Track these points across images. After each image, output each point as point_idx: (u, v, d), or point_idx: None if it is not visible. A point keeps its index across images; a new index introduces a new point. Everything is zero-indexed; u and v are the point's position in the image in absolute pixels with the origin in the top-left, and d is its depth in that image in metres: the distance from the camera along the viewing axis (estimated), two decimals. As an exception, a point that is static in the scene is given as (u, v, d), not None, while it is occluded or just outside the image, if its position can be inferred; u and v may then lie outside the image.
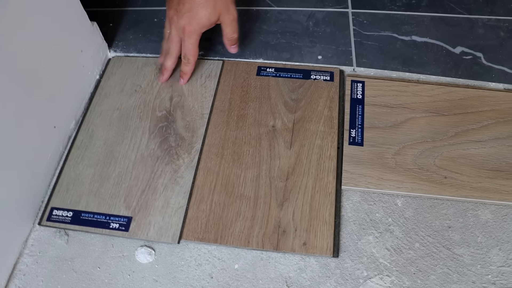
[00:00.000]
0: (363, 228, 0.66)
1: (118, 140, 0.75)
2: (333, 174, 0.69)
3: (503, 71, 0.82)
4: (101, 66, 0.84)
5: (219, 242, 0.65)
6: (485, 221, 0.67)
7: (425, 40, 0.87)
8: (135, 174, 0.71)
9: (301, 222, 0.65)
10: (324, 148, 0.72)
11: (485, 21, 0.89)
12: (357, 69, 0.83)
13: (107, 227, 0.67)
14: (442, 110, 0.76)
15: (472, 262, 0.63)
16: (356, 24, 0.89)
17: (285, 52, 0.85)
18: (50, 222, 0.68)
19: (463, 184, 0.68)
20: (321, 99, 0.77)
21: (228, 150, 0.73)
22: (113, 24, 0.92)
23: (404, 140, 0.73)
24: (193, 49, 0.77)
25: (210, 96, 0.79)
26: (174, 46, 0.77)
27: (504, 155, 0.71)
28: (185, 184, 0.70)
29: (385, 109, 0.76)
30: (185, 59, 0.78)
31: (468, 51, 0.85)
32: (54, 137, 0.73)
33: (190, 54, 0.77)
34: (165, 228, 0.66)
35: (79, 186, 0.71)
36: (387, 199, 0.69)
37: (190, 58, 0.78)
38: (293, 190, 0.68)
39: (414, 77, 0.82)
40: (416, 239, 0.65)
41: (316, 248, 0.63)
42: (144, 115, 0.77)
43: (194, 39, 0.75)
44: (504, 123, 0.74)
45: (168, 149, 0.73)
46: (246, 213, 0.66)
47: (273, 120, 0.75)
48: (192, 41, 0.75)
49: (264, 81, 0.80)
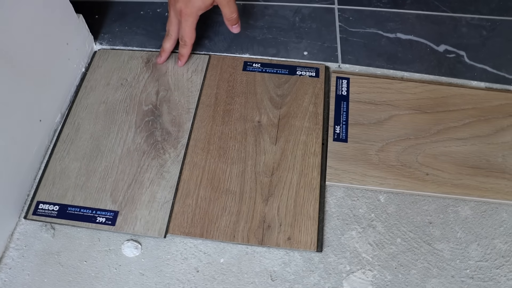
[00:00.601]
0: (347, 224, 0.68)
1: (104, 134, 0.75)
2: (317, 170, 0.70)
3: (485, 70, 0.83)
4: (87, 59, 0.84)
5: (205, 236, 0.65)
6: (464, 217, 0.68)
7: (410, 37, 0.88)
8: (122, 168, 0.71)
9: (286, 217, 0.66)
10: (309, 144, 0.73)
11: (469, 19, 0.91)
12: (342, 65, 0.84)
13: (94, 221, 0.67)
14: (425, 107, 0.77)
15: (452, 257, 0.65)
16: (342, 20, 0.90)
17: (271, 47, 0.86)
18: (36, 216, 0.68)
19: (444, 181, 0.70)
20: (306, 95, 0.78)
21: (214, 145, 0.73)
22: (99, 16, 0.92)
23: (387, 137, 0.74)
24: (190, 32, 0.78)
25: (196, 91, 0.79)
26: (172, 28, 0.79)
27: (484, 153, 0.73)
28: (171, 178, 0.70)
29: (369, 106, 0.77)
30: (182, 41, 0.79)
31: (452, 50, 0.86)
32: (39, 130, 0.73)
33: (187, 36, 0.78)
34: (151, 223, 0.67)
35: (65, 180, 0.71)
36: (370, 195, 0.70)
37: (187, 41, 0.79)
38: (278, 185, 0.69)
39: (399, 75, 0.83)
40: (398, 235, 0.67)
41: (300, 243, 0.65)
42: (130, 109, 0.77)
43: (190, 22, 0.76)
44: (485, 121, 0.76)
45: (155, 144, 0.73)
46: (232, 208, 0.67)
47: (259, 116, 0.76)
48: (188, 23, 0.76)
49: (250, 76, 0.81)
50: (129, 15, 0.92)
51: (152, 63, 0.83)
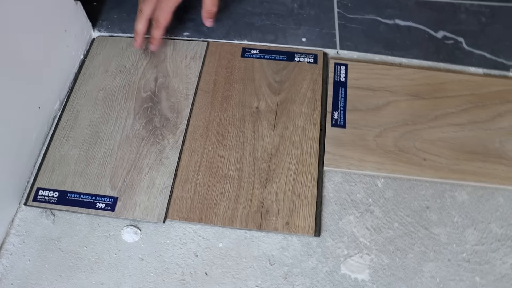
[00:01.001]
0: (344, 208, 0.68)
1: (103, 120, 0.75)
2: (315, 156, 0.71)
3: (483, 56, 0.83)
4: (85, 46, 0.84)
5: (204, 221, 0.66)
6: (461, 202, 0.69)
7: (408, 24, 0.88)
8: (121, 154, 0.72)
9: (284, 202, 0.67)
10: (307, 130, 0.73)
11: (468, 6, 0.91)
12: (340, 51, 0.84)
13: (93, 207, 0.68)
14: (423, 93, 0.77)
15: (448, 241, 0.66)
16: (341, 7, 0.90)
17: (269, 34, 0.86)
18: (36, 203, 0.68)
19: (442, 166, 0.70)
20: (304, 81, 0.78)
21: (212, 131, 0.73)
22: (97, 3, 0.92)
23: (385, 123, 0.74)
24: (168, 13, 0.74)
25: (194, 77, 0.79)
26: (147, 6, 0.75)
27: (481, 138, 0.73)
28: (170, 164, 0.71)
29: (367, 92, 0.77)
30: (156, 22, 0.75)
31: (450, 36, 0.86)
32: (38, 117, 0.73)
33: (163, 17, 0.74)
34: (150, 208, 0.67)
35: (65, 166, 0.71)
36: (367, 180, 0.71)
37: (162, 21, 0.75)
38: (276, 171, 0.69)
39: (397, 61, 0.83)
40: (395, 219, 0.67)
41: (298, 227, 0.65)
42: (129, 96, 0.78)
43: (172, 3, 0.73)
44: (483, 107, 0.76)
45: (153, 130, 0.74)
46: (230, 193, 0.68)
47: (257, 102, 0.76)
48: (170, 4, 0.73)
49: (248, 62, 0.81)
50: (127, 2, 0.92)
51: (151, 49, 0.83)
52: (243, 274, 0.64)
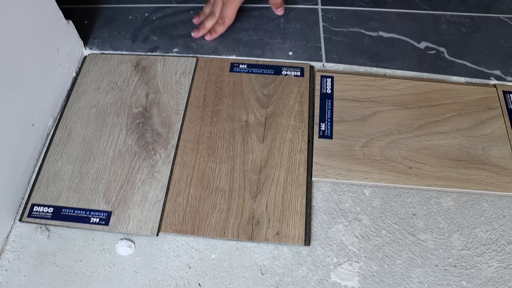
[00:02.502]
0: (333, 217, 0.70)
1: (96, 136, 0.77)
2: (304, 166, 0.73)
3: (464, 65, 0.86)
4: (77, 64, 0.86)
5: (196, 233, 0.67)
6: (447, 208, 0.71)
7: (392, 35, 0.90)
8: (114, 169, 0.73)
9: (274, 213, 0.68)
10: (295, 142, 0.75)
11: (448, 17, 0.93)
12: (326, 64, 0.86)
13: (88, 222, 0.69)
14: (407, 103, 0.80)
15: (435, 247, 0.67)
16: (326, 20, 0.92)
17: (257, 48, 0.88)
18: (31, 218, 0.69)
19: (427, 173, 0.72)
20: (292, 94, 0.80)
21: (203, 145, 0.75)
22: (88, 21, 0.94)
23: (371, 133, 0.76)
24: (232, 14, 0.88)
25: (185, 93, 0.81)
26: (217, 9, 0.88)
27: (465, 145, 0.75)
28: (162, 178, 0.72)
29: (353, 103, 0.79)
30: (221, 19, 0.88)
31: (432, 46, 0.89)
32: (32, 135, 0.74)
33: (228, 17, 0.88)
34: (144, 221, 0.68)
35: (59, 182, 0.72)
36: (355, 189, 0.72)
37: (226, 21, 0.88)
38: (266, 182, 0.71)
39: (381, 72, 0.85)
40: (383, 227, 0.69)
41: (289, 237, 0.67)
42: (121, 112, 0.79)
43: (234, 6, 0.87)
44: (465, 115, 0.79)
45: (145, 145, 0.75)
46: (222, 205, 0.69)
47: (246, 115, 0.78)
48: (233, 6, 0.87)
49: (237, 77, 0.83)
50: (118, 19, 0.94)
51: (141, 66, 0.84)
52: (235, 284, 0.65)
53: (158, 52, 0.87)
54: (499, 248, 0.67)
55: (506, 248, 0.67)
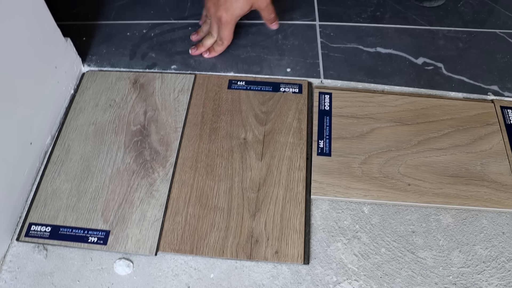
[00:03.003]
0: (332, 236, 0.70)
1: (94, 154, 0.77)
2: (302, 184, 0.73)
3: (462, 81, 0.86)
4: (76, 81, 0.86)
5: (195, 252, 0.67)
6: (446, 225, 0.71)
7: (389, 51, 0.91)
8: (112, 188, 0.73)
9: (273, 231, 0.68)
10: (294, 159, 0.75)
11: (445, 32, 0.94)
12: (324, 81, 0.86)
13: (86, 241, 0.68)
14: (405, 119, 0.80)
15: (435, 265, 0.67)
16: (323, 36, 0.93)
17: (255, 65, 0.88)
18: (29, 238, 0.69)
19: (426, 190, 0.72)
20: (290, 111, 0.80)
21: (201, 163, 0.75)
22: (86, 38, 0.94)
23: (370, 150, 0.76)
24: (228, 35, 0.88)
25: (183, 110, 0.81)
26: (214, 30, 0.88)
27: (463, 161, 0.75)
28: (161, 197, 0.72)
29: (351, 120, 0.80)
30: (220, 41, 0.89)
31: (430, 62, 0.89)
32: (30, 153, 0.74)
33: (226, 39, 0.88)
34: (142, 241, 0.68)
35: (57, 201, 0.72)
36: (354, 207, 0.72)
37: (225, 42, 0.89)
38: (264, 200, 0.71)
39: (379, 88, 0.85)
40: (382, 245, 0.69)
41: (288, 256, 0.66)
42: (119, 130, 0.79)
43: (230, 27, 0.86)
44: (464, 131, 0.79)
45: (144, 163, 0.75)
46: (220, 224, 0.69)
47: (245, 133, 0.78)
48: (228, 28, 0.86)
49: (235, 94, 0.83)
50: (116, 36, 0.94)
51: (140, 83, 0.84)
52: (234, 304, 0.65)
53: (156, 69, 0.87)
54: (499, 265, 0.67)
55: (506, 266, 0.67)
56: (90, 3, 1.00)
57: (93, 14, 0.98)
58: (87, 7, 0.99)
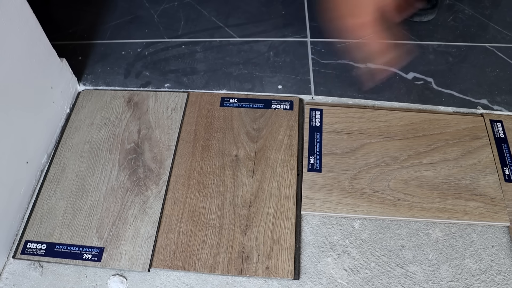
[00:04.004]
0: (322, 251, 0.71)
1: (89, 172, 0.78)
2: (293, 200, 0.74)
3: (452, 95, 0.87)
4: (71, 100, 0.87)
5: (187, 269, 0.68)
6: (436, 239, 0.72)
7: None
8: (106, 205, 0.74)
9: (264, 247, 0.69)
10: (285, 176, 0.76)
11: (435, 47, 0.95)
12: (315, 97, 0.87)
13: (80, 258, 0.70)
14: (395, 134, 0.81)
15: (424, 279, 0.68)
16: (315, 53, 0.94)
17: (247, 82, 0.90)
18: (25, 255, 0.70)
19: (415, 205, 0.73)
20: (281, 128, 0.82)
21: (194, 180, 0.76)
22: (82, 57, 0.96)
23: (360, 165, 0.77)
24: None
25: (176, 128, 0.83)
26: None
27: (453, 175, 0.76)
28: (154, 214, 0.73)
29: (342, 136, 0.81)
30: None
31: (420, 77, 0.90)
32: (26, 172, 0.76)
33: None
34: (135, 257, 0.69)
35: (52, 218, 0.74)
36: (344, 222, 0.73)
37: None
38: (255, 217, 0.72)
39: (370, 103, 0.87)
40: (372, 259, 0.70)
41: (278, 271, 0.67)
42: (114, 148, 0.81)
43: None
44: (453, 145, 0.80)
45: (137, 181, 0.77)
46: (212, 240, 0.70)
47: (236, 150, 0.79)
48: None
49: (227, 111, 0.85)
50: (111, 55, 0.96)
51: (134, 102, 0.86)
52: (226, 319, 0.66)
53: (150, 87, 0.89)
54: (488, 278, 0.68)
55: (495, 279, 0.68)
56: (86, 23, 1.02)
57: (89, 33, 1.00)
58: (83, 27, 1.01)
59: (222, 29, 0.99)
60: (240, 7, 1.01)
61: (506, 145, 0.80)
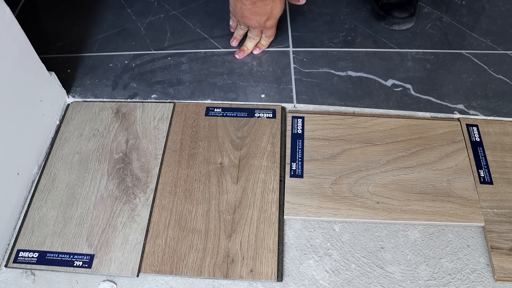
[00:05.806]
0: (304, 253, 0.73)
1: (79, 182, 0.80)
2: (276, 205, 0.76)
3: (429, 101, 0.90)
4: (61, 112, 0.90)
5: (175, 273, 0.71)
6: (414, 240, 0.74)
7: (360, 74, 0.95)
8: (96, 214, 0.77)
9: (248, 251, 0.72)
10: (268, 182, 0.79)
11: (414, 54, 0.98)
12: (297, 105, 0.90)
13: (71, 265, 0.72)
14: (375, 140, 0.84)
15: (403, 278, 0.71)
16: (297, 62, 0.97)
17: (231, 92, 0.92)
18: (17, 264, 0.73)
19: (394, 208, 0.76)
20: (264, 135, 0.85)
21: (180, 187, 0.79)
22: (71, 70, 0.98)
23: (340, 170, 0.80)
24: (274, 32, 0.97)
25: (162, 138, 0.85)
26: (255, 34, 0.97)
27: (430, 179, 0.79)
28: (142, 221, 0.76)
29: (323, 142, 0.84)
30: (268, 38, 0.98)
31: (399, 83, 0.93)
32: (18, 183, 0.78)
33: (272, 36, 0.98)
34: (125, 263, 0.72)
35: (44, 227, 0.76)
36: (325, 226, 0.76)
37: (271, 38, 0.98)
38: (240, 222, 0.75)
39: (350, 110, 0.89)
40: (352, 261, 0.72)
41: (262, 274, 0.70)
42: (103, 158, 0.83)
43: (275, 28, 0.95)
44: (431, 149, 0.83)
45: (126, 189, 0.79)
46: (198, 246, 0.73)
47: (221, 158, 0.82)
48: (274, 28, 0.95)
49: (212, 121, 0.87)
50: (99, 67, 0.98)
51: (121, 113, 0.89)
52: (212, 321, 0.68)
53: (137, 98, 0.92)
54: (463, 277, 0.71)
55: (470, 277, 0.71)
56: (75, 36, 1.05)
57: (77, 46, 1.03)
58: (72, 40, 1.04)
59: (207, 40, 1.02)
60: (225, 19, 1.03)
61: (481, 148, 0.83)
